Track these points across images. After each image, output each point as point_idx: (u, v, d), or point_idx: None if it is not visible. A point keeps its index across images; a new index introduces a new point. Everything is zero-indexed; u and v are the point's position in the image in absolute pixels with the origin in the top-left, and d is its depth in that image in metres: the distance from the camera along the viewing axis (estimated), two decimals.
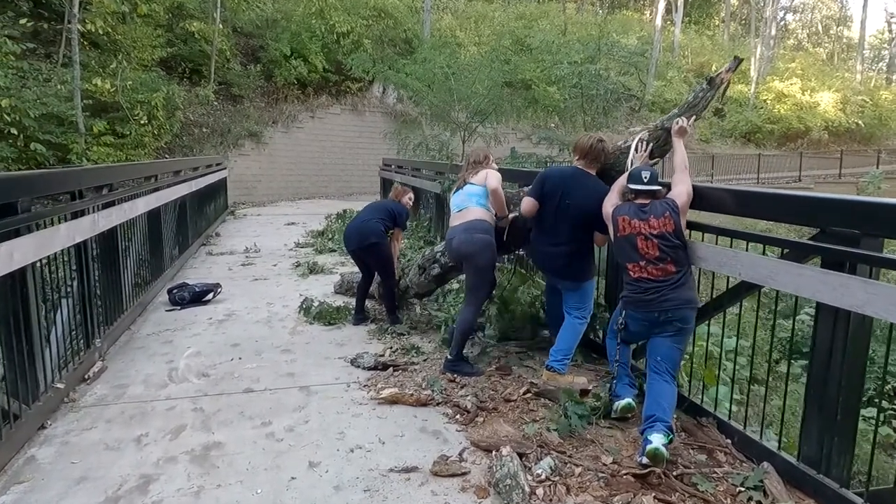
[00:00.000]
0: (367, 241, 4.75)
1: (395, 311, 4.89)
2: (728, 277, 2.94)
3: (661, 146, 3.54)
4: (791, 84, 31.41)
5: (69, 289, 3.70)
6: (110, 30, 13.37)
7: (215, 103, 16.42)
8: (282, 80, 17.52)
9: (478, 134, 13.22)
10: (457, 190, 4.02)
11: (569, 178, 3.55)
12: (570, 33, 25.18)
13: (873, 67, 48.75)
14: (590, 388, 3.43)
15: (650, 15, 37.13)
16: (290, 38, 17.52)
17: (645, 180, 3.03)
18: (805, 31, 53.67)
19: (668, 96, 27.50)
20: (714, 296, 3.28)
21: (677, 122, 3.36)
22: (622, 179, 3.27)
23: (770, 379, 5.11)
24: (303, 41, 17.50)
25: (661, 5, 30.92)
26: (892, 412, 6.40)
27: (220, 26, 16.41)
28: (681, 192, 3.03)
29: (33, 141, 10.87)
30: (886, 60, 49.94)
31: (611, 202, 3.23)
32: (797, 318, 6.76)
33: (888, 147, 31.43)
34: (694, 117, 3.52)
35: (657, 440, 2.63)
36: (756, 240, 2.82)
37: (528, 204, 3.64)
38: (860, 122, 32.35)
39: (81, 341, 3.79)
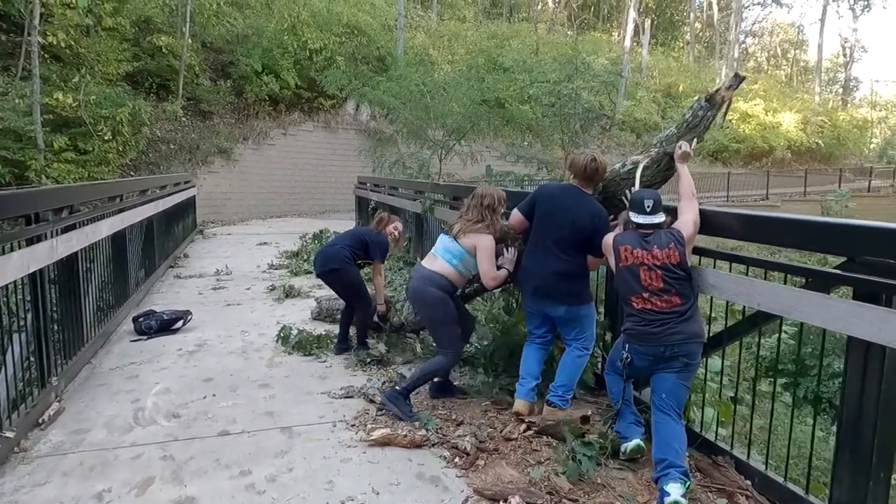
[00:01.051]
0: (328, 267, 4.62)
1: (366, 340, 4.64)
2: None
3: (662, 171, 3.38)
4: (755, 105, 32.33)
5: (22, 322, 3.34)
6: (73, 43, 12.90)
7: (183, 119, 15.97)
8: (253, 96, 17.18)
9: (455, 152, 13.10)
10: (446, 232, 3.78)
11: (563, 194, 3.39)
12: (541, 53, 25.46)
13: (829, 90, 50.68)
14: (588, 413, 3.20)
15: (618, 36, 37.94)
16: (261, 54, 17.19)
17: (648, 209, 2.85)
18: (764, 55, 55.61)
19: (637, 115, 28.00)
20: None
21: (680, 147, 3.21)
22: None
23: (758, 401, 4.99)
24: (274, 57, 17.20)
25: (630, 27, 31.62)
26: None
27: (189, 41, 16.03)
28: (687, 221, 2.87)
29: None
30: (842, 83, 51.98)
31: (608, 237, 3.08)
32: (775, 336, 6.71)
33: (848, 166, 32.52)
34: (696, 140, 3.38)
35: (675, 491, 2.43)
36: (776, 268, 2.66)
37: (516, 218, 3.51)
38: (820, 141, 33.51)
39: (35, 380, 3.42)
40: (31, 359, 3.43)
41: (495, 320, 4.51)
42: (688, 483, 2.51)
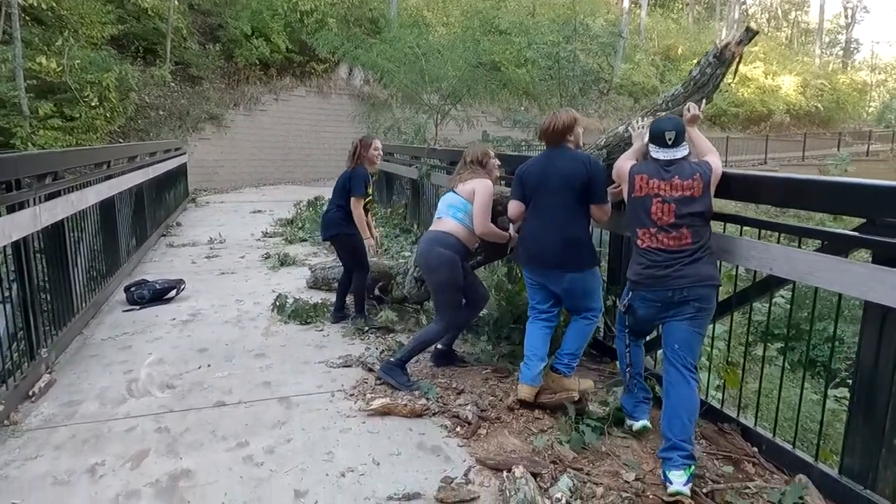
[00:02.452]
0: (329, 234, 4.50)
1: (364, 307, 4.53)
2: None
3: None
4: (754, 68, 31.85)
5: (7, 293, 3.23)
6: (55, 4, 12.45)
7: (172, 84, 15.58)
8: (243, 60, 16.75)
9: (450, 117, 12.86)
10: (447, 191, 3.66)
11: (544, 158, 3.14)
12: (538, 14, 24.84)
13: (830, 52, 49.98)
14: (578, 396, 3.02)
15: None
16: (250, 17, 16.70)
17: (669, 142, 2.58)
18: (764, 16, 54.56)
19: (635, 79, 27.56)
20: None
21: (688, 110, 3.02)
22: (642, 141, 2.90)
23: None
24: (264, 20, 16.71)
25: None
26: None
27: (176, 2, 15.53)
28: (717, 163, 2.63)
29: None
30: (842, 45, 51.23)
31: (627, 160, 2.84)
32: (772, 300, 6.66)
33: (847, 129, 32.26)
34: (704, 100, 3.23)
35: (677, 480, 2.32)
36: (790, 231, 2.56)
37: (514, 208, 3.23)
38: (819, 105, 33.16)
39: (24, 352, 3.33)
40: (19, 329, 3.33)
41: (498, 288, 4.42)
42: (692, 467, 2.38)
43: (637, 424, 2.82)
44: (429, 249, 3.42)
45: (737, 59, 3.31)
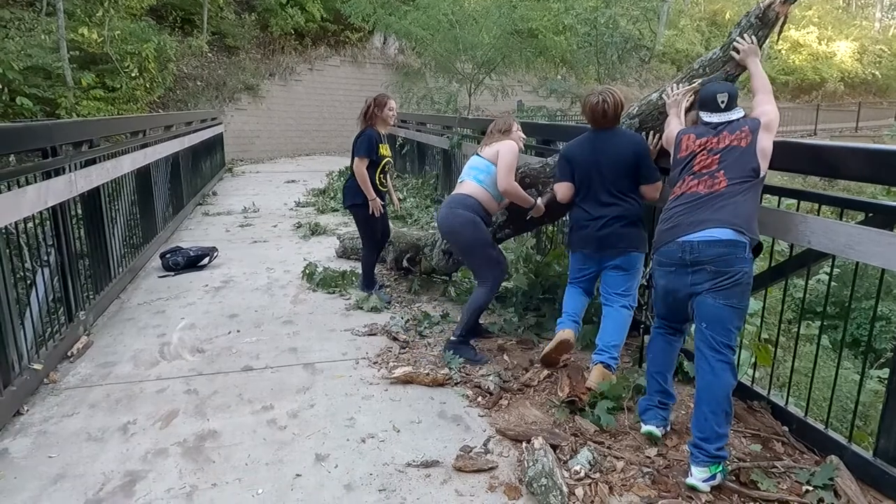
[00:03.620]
0: (347, 204, 4.49)
1: (370, 283, 4.46)
2: None
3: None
4: (807, 33, 30.21)
5: (46, 258, 3.33)
6: None
7: (209, 55, 15.73)
8: (278, 29, 16.74)
9: (484, 86, 12.60)
10: (472, 157, 3.62)
11: (593, 140, 3.06)
12: None
13: (891, 16, 46.95)
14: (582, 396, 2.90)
15: None
16: None
17: (722, 106, 2.41)
18: None
19: (679, 46, 26.48)
20: None
21: (741, 44, 2.75)
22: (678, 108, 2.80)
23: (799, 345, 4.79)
24: None
25: None
26: None
27: None
28: (767, 111, 2.41)
29: (19, 95, 10.36)
30: None
31: (676, 125, 2.72)
32: (814, 278, 6.42)
33: None
34: (755, 36, 3.02)
35: (697, 475, 2.21)
36: (832, 202, 2.42)
37: (564, 189, 3.15)
38: (877, 72, 31.30)
39: (63, 315, 3.45)
40: (58, 293, 3.45)
41: (527, 260, 4.37)
42: (719, 465, 2.23)
43: (643, 428, 2.61)
44: (448, 212, 3.40)
45: (781, 21, 3.09)
